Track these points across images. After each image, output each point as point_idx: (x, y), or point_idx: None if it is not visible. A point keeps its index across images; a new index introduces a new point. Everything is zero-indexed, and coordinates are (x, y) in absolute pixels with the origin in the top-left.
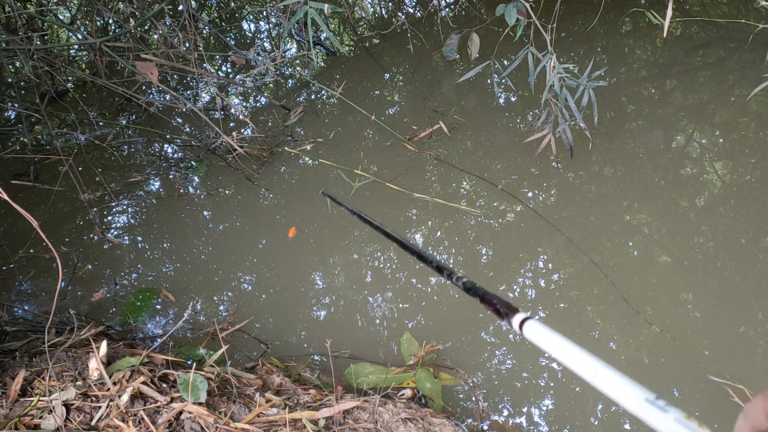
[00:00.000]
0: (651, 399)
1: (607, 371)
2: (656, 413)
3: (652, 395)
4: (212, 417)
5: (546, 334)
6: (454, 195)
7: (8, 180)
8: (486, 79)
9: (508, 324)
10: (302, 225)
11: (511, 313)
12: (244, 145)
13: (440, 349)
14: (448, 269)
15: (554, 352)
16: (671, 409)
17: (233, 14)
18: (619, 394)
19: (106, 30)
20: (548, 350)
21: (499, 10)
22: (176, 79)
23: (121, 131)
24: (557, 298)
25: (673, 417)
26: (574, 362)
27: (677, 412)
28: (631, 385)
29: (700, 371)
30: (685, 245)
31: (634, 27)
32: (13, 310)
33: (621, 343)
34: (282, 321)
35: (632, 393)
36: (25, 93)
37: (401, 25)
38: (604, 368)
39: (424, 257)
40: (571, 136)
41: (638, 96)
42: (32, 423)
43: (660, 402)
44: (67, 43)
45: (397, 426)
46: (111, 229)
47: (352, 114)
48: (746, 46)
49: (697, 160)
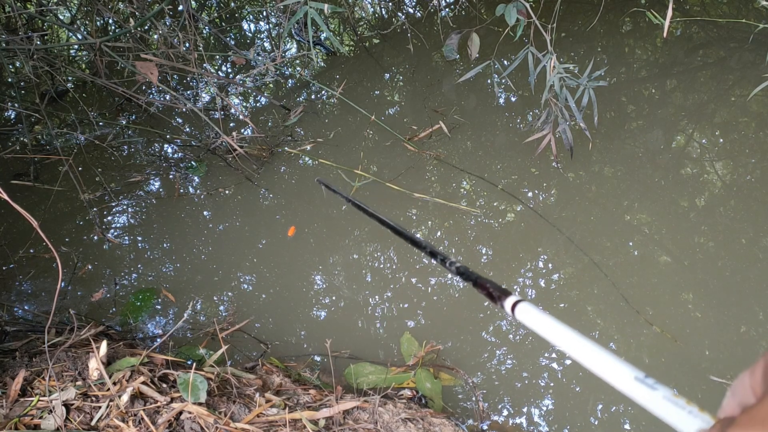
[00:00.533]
0: (640, 377)
1: (597, 351)
2: (645, 391)
3: (641, 373)
4: (212, 417)
5: (537, 315)
6: (454, 195)
7: (8, 180)
8: (486, 79)
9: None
10: (302, 225)
11: (504, 296)
12: (244, 145)
13: (440, 349)
14: (441, 254)
15: (546, 334)
16: (660, 387)
17: (233, 14)
18: (608, 373)
19: (106, 30)
20: (540, 332)
21: (499, 10)
22: (176, 79)
23: (121, 131)
24: (557, 298)
25: (662, 395)
26: (565, 343)
27: (666, 390)
28: (620, 363)
29: (701, 371)
30: (685, 245)
31: (634, 27)
32: (13, 310)
33: (621, 343)
34: (282, 321)
35: (621, 371)
36: (25, 93)
37: (401, 25)
38: (594, 348)
39: (418, 242)
40: (571, 136)
41: (638, 96)
42: (32, 423)
43: (649, 380)
44: (67, 43)
45: (397, 426)
46: (111, 229)
47: (352, 114)
48: (746, 46)
49: (698, 160)
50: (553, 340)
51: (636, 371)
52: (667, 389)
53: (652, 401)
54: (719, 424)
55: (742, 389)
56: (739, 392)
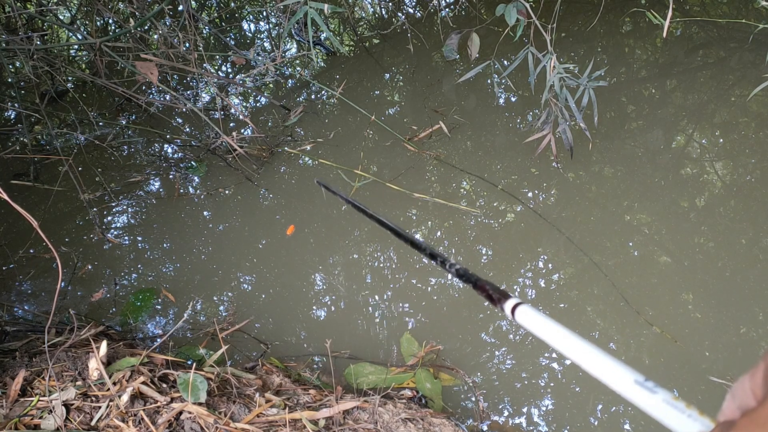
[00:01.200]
0: (640, 380)
1: (597, 354)
2: (645, 394)
3: (641, 377)
4: (212, 417)
5: (538, 318)
6: (454, 195)
7: (8, 180)
8: (486, 79)
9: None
10: (302, 225)
11: (504, 298)
12: (244, 145)
13: (440, 350)
14: (441, 256)
15: (546, 337)
16: (660, 390)
17: (233, 14)
18: (609, 376)
19: (106, 30)
20: (540, 335)
21: (499, 10)
22: (176, 79)
23: (121, 131)
24: (557, 298)
25: (662, 398)
26: (566, 346)
27: (666, 393)
28: (620, 366)
29: (701, 372)
30: (685, 245)
31: (634, 27)
32: (13, 310)
33: (621, 343)
34: (282, 321)
35: (621, 374)
36: (25, 93)
37: (401, 25)
38: (594, 351)
39: (417, 244)
40: (571, 136)
41: (638, 96)
42: (32, 423)
43: (649, 383)
44: (67, 43)
45: (397, 426)
46: (111, 229)
47: (352, 114)
48: (746, 46)
49: (698, 160)
50: (554, 344)
51: (636, 374)
52: (667, 392)
53: (652, 405)
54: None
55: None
56: (739, 395)
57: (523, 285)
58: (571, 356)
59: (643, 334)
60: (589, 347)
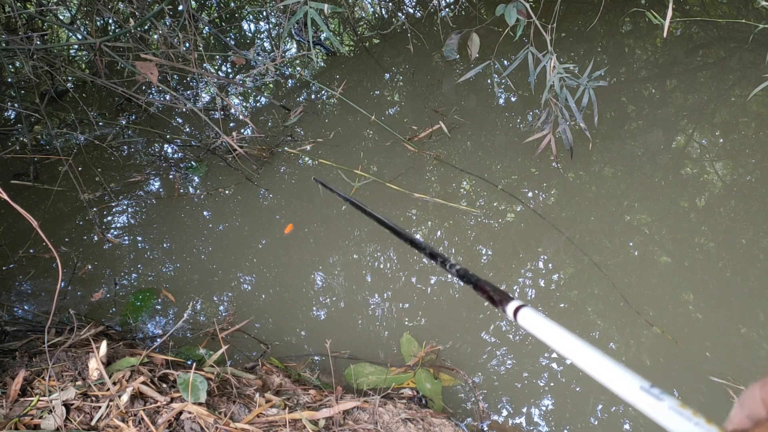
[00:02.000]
0: (646, 387)
1: (602, 359)
2: (651, 401)
3: (647, 383)
4: (212, 417)
5: (540, 321)
6: (454, 195)
7: (8, 180)
8: (486, 79)
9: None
10: (302, 225)
11: (505, 300)
12: (244, 145)
13: (440, 350)
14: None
15: (548, 340)
16: (666, 397)
17: (233, 14)
18: (613, 382)
19: (106, 30)
20: (542, 338)
21: (499, 10)
22: (176, 79)
23: (121, 131)
24: (557, 298)
25: (668, 405)
26: (569, 350)
27: (672, 400)
28: (625, 372)
29: (701, 372)
30: (685, 245)
31: (634, 27)
32: (13, 310)
33: (621, 343)
34: (282, 321)
35: (627, 381)
36: (25, 93)
37: (401, 25)
38: (598, 356)
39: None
40: (571, 136)
41: (638, 96)
42: (32, 423)
43: (655, 390)
44: (67, 43)
45: (397, 426)
46: (111, 229)
47: (352, 114)
48: (746, 46)
49: (698, 160)
50: (557, 347)
51: (642, 381)
52: (674, 399)
53: (657, 412)
54: None
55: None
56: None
57: (523, 285)
58: (576, 361)
59: (643, 334)
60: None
